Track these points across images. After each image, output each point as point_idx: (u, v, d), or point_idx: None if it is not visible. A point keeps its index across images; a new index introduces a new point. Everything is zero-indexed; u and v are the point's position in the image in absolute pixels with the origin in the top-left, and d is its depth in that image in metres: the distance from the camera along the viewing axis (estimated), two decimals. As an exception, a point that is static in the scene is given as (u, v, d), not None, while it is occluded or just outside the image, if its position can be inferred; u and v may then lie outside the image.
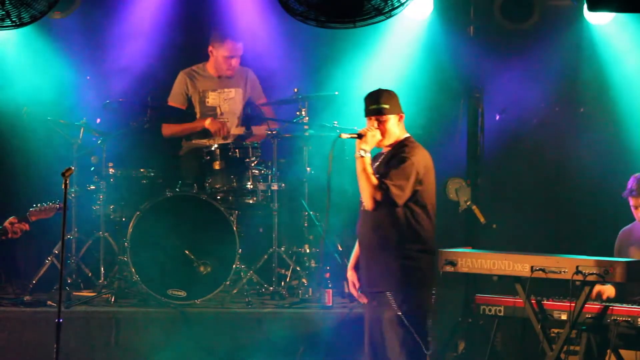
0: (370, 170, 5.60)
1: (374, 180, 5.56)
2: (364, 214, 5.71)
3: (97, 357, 7.17)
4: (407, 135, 5.78)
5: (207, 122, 8.31)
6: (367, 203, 5.59)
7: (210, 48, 8.44)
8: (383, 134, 5.67)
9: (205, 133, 8.43)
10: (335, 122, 8.15)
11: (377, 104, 5.65)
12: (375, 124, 5.65)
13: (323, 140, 8.26)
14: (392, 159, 5.66)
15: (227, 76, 8.47)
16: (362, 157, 5.58)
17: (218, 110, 8.50)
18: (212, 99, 8.50)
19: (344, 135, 5.73)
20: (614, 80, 8.72)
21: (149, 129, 7.97)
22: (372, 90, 5.74)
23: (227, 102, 8.52)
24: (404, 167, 5.60)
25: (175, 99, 8.47)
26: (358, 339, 5.90)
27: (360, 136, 5.63)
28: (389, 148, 5.73)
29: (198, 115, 8.47)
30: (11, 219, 7.12)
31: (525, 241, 8.24)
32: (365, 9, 5.92)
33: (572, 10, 8.70)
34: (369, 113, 5.69)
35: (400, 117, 5.72)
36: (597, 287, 6.84)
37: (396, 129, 5.70)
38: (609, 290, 6.91)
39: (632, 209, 7.18)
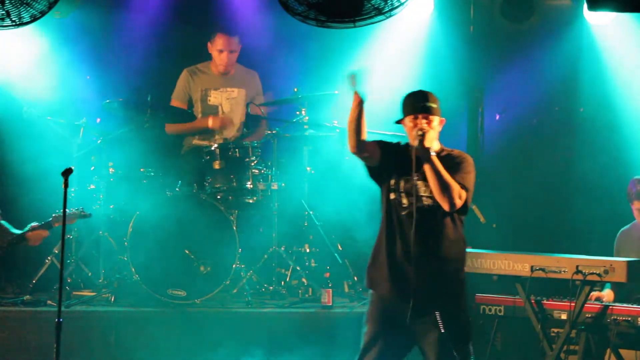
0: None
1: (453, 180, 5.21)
2: (418, 221, 5.22)
3: (97, 357, 7.16)
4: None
5: (210, 123, 8.30)
6: (456, 202, 5.15)
7: (208, 44, 8.43)
8: None
9: (207, 132, 8.43)
10: (335, 122, 8.16)
11: (428, 101, 5.29)
12: (424, 123, 5.26)
13: (323, 140, 8.27)
14: (452, 163, 5.27)
15: (222, 72, 8.45)
16: (433, 155, 5.19)
17: (220, 109, 8.48)
18: (214, 97, 8.48)
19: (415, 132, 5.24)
20: (614, 79, 8.72)
21: (149, 129, 7.96)
22: (413, 90, 5.37)
23: (229, 101, 8.51)
24: (470, 171, 5.28)
25: (177, 96, 8.46)
26: (358, 339, 5.89)
27: (423, 135, 5.22)
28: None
29: (199, 114, 8.46)
30: (33, 225, 7.02)
31: (525, 241, 8.24)
32: (365, 8, 5.91)
33: (571, 10, 8.72)
34: (419, 110, 5.27)
35: (442, 122, 5.35)
36: (596, 294, 6.83)
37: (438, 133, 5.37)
38: (608, 297, 6.90)
39: (635, 212, 7.19)
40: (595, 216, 8.53)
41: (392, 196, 5.32)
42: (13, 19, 6.06)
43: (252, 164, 7.90)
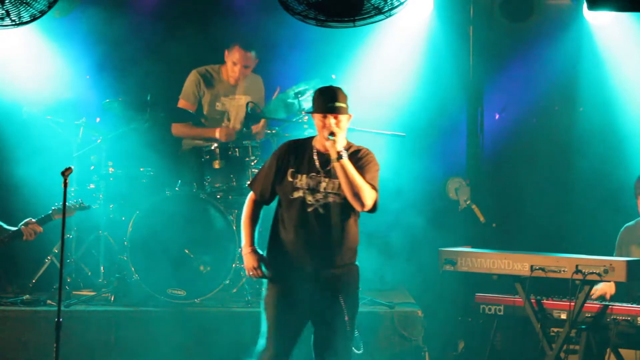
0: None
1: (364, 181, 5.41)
2: (324, 216, 5.46)
3: (96, 357, 7.16)
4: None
5: (217, 134, 8.26)
6: (368, 203, 5.39)
7: (225, 52, 8.42)
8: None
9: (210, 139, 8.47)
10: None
11: (337, 101, 5.40)
12: (333, 122, 5.39)
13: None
14: (361, 161, 5.46)
15: (232, 84, 8.47)
16: (345, 159, 5.35)
17: (226, 115, 8.50)
18: (222, 104, 8.48)
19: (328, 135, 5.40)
20: (614, 79, 8.72)
21: (148, 128, 7.96)
22: (324, 87, 5.50)
23: (237, 108, 8.52)
24: (377, 170, 5.49)
25: (187, 98, 8.41)
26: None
27: (333, 139, 5.38)
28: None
29: (205, 114, 8.45)
30: (27, 220, 7.06)
31: (525, 241, 8.24)
32: (365, 8, 5.92)
33: (571, 10, 8.71)
34: (328, 110, 5.39)
35: (349, 118, 5.48)
36: (598, 291, 6.82)
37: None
38: (610, 290, 6.90)
39: None
40: (595, 216, 8.53)
41: (295, 195, 5.50)
42: (13, 19, 6.07)
43: (252, 164, 7.89)
